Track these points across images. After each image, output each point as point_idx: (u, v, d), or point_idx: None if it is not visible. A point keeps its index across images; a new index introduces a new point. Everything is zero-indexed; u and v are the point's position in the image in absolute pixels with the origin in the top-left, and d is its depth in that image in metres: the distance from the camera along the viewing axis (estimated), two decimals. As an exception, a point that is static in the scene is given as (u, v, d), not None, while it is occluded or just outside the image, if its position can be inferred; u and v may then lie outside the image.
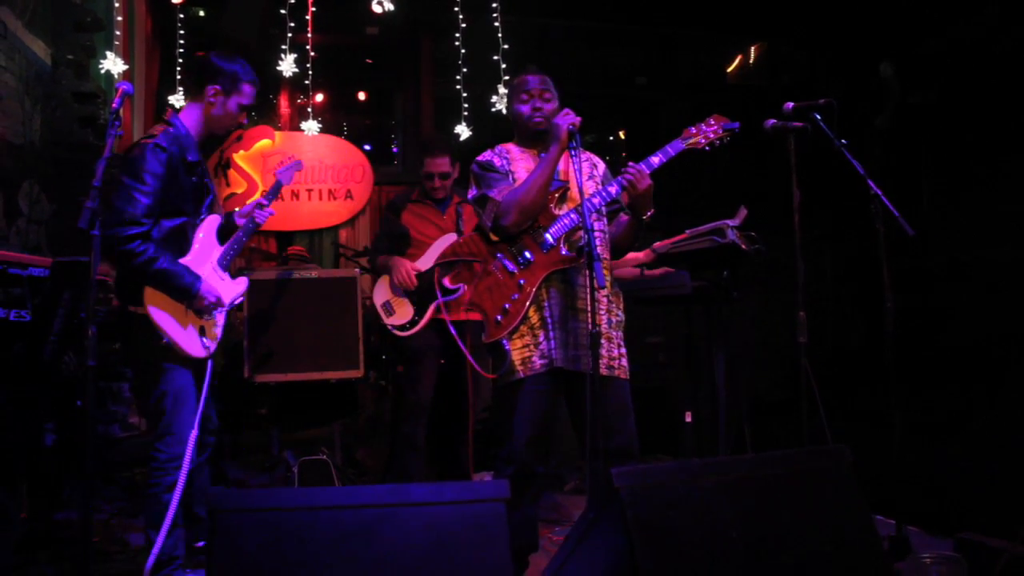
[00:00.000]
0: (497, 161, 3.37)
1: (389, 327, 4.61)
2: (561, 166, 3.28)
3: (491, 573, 1.95)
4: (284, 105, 7.49)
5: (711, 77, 8.62)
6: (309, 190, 7.16)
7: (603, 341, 3.19)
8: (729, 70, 8.90)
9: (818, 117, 3.54)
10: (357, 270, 5.01)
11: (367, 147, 8.61)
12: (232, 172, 6.87)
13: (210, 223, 3.45)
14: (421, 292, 4.54)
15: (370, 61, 8.11)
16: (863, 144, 7.93)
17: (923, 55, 7.33)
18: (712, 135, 3.25)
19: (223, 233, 3.54)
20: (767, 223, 7.25)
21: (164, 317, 3.19)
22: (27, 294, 3.41)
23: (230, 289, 3.49)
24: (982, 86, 6.67)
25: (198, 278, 3.24)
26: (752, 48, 8.72)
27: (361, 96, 8.46)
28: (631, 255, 4.54)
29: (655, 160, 3.20)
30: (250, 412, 5.53)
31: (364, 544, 1.94)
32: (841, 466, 2.23)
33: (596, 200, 3.22)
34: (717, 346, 4.57)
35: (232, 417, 5.14)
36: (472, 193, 3.36)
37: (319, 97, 7.97)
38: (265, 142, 7.06)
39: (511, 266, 3.21)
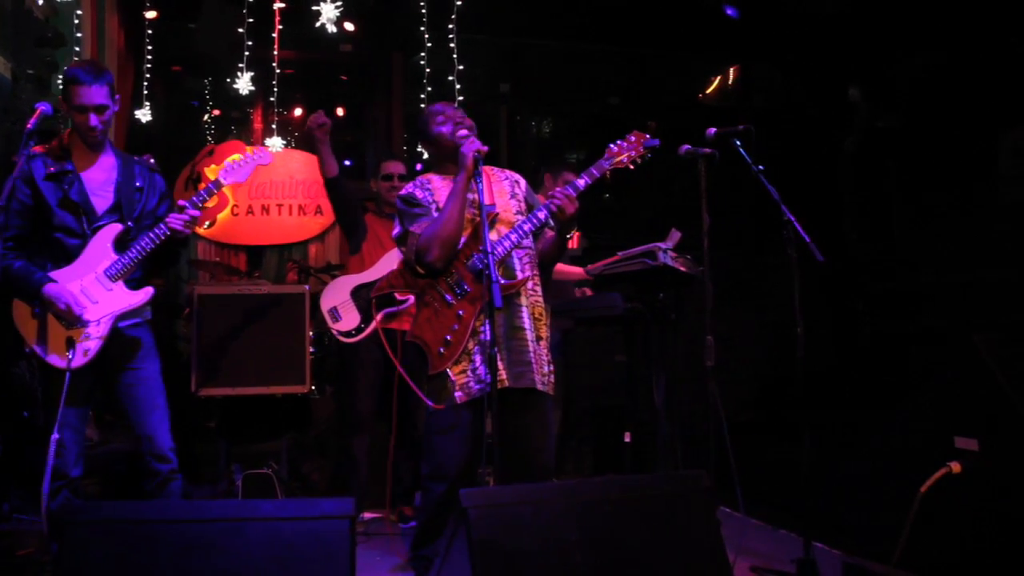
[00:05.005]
0: (419, 194, 3.42)
1: (334, 332, 4.69)
2: (485, 191, 3.34)
3: (330, 589, 1.99)
4: (257, 121, 7.57)
5: (685, 97, 8.68)
6: (279, 205, 7.23)
7: (532, 359, 3.27)
8: (708, 91, 8.95)
9: (738, 143, 3.59)
10: (306, 286, 5.06)
11: (347, 163, 8.68)
12: (202, 186, 6.92)
13: (106, 232, 3.42)
14: (368, 300, 4.60)
15: (345, 78, 8.20)
16: (835, 166, 7.98)
17: (890, 80, 7.38)
18: (634, 153, 3.30)
19: (124, 241, 3.45)
20: (739, 241, 7.30)
21: (28, 325, 3.32)
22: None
23: (113, 300, 3.39)
24: (944, 112, 6.72)
25: (45, 281, 3.29)
26: (731, 69, 8.78)
27: (340, 112, 8.53)
28: (561, 266, 4.61)
29: (581, 183, 3.26)
30: (199, 425, 5.58)
31: (208, 557, 1.99)
32: (697, 491, 2.26)
33: (527, 226, 3.29)
34: (656, 367, 4.61)
35: (180, 430, 5.19)
36: (396, 231, 3.43)
37: (297, 112, 8.05)
38: (236, 157, 7.11)
39: (449, 297, 3.27)
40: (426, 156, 6.38)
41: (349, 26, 6.29)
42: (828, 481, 3.77)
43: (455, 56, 6.16)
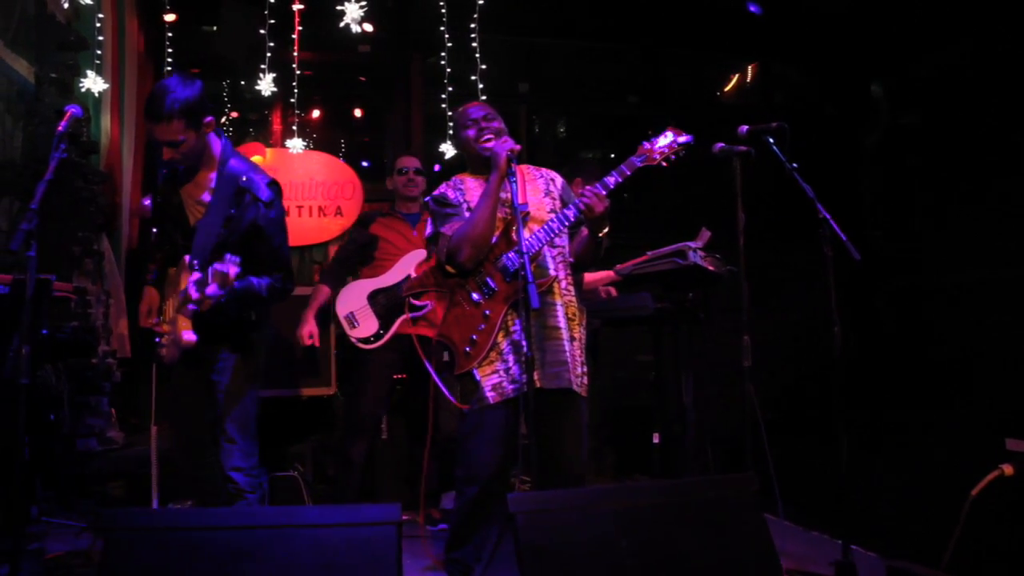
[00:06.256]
0: (451, 194, 3.40)
1: (352, 339, 4.65)
2: (519, 189, 3.30)
3: (378, 596, 1.96)
4: (276, 122, 7.55)
5: (703, 95, 8.64)
6: (299, 207, 7.20)
7: (568, 359, 3.23)
8: (727, 89, 8.90)
9: (771, 140, 3.54)
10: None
11: (365, 164, 8.65)
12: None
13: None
14: (387, 306, 4.57)
15: (363, 79, 8.18)
16: (856, 164, 7.92)
17: (911, 78, 7.33)
18: (667, 150, 3.24)
19: None
20: (759, 240, 7.25)
21: None
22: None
23: (174, 325, 3.28)
24: (966, 109, 6.67)
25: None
26: (750, 67, 8.73)
27: (357, 113, 8.52)
28: (590, 275, 4.56)
29: (611, 181, 3.20)
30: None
31: (253, 565, 1.96)
32: (744, 494, 2.22)
33: (555, 225, 3.25)
34: (684, 367, 4.57)
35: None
36: (428, 231, 3.40)
37: (315, 114, 8.05)
38: (256, 158, 7.10)
39: (476, 296, 3.24)
40: (447, 157, 6.36)
41: (368, 27, 6.27)
42: (864, 483, 3.72)
43: (477, 55, 6.12)
